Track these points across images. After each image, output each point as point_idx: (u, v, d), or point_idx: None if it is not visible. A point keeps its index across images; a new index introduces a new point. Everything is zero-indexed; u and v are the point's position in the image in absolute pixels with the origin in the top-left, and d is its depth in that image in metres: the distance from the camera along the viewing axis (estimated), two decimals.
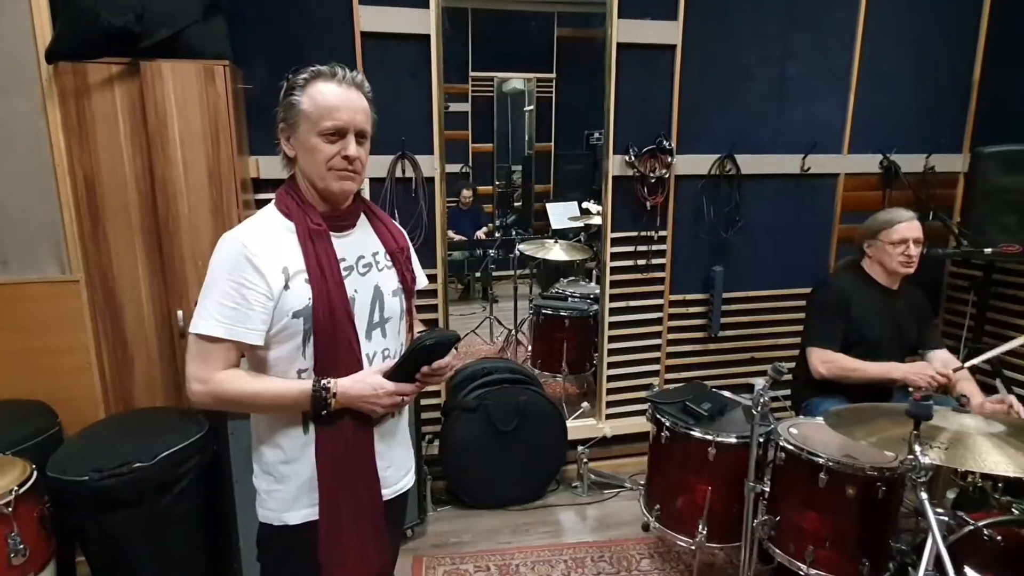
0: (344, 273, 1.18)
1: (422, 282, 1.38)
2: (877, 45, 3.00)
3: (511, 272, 5.86)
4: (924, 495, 1.30)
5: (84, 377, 2.23)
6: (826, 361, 2.27)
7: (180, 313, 2.20)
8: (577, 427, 3.00)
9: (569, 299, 3.74)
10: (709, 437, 2.00)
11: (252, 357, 1.18)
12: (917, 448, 1.29)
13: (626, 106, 2.80)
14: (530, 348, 4.04)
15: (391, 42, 2.53)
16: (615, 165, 2.84)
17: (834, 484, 1.75)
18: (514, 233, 5.82)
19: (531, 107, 7.18)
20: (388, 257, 1.29)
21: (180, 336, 2.25)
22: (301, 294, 1.13)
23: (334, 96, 1.14)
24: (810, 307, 2.44)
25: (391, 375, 1.19)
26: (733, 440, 2.00)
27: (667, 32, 2.76)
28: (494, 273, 5.17)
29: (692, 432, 2.04)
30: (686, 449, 2.06)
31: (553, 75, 6.92)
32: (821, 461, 1.76)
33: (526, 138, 7.44)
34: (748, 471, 1.76)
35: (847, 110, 3.05)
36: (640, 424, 3.09)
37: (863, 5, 2.95)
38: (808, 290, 3.15)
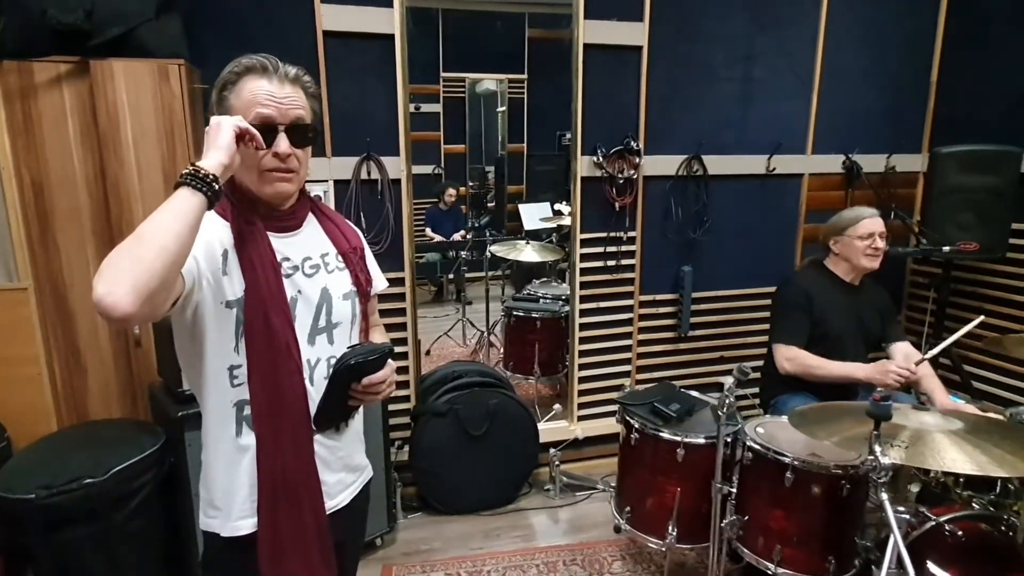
0: (288, 272, 1.13)
1: (380, 285, 1.32)
2: (839, 46, 3.05)
3: (480, 274, 5.84)
4: (885, 495, 1.31)
5: (34, 388, 2.14)
6: (790, 358, 2.30)
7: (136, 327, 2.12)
8: (549, 429, 2.98)
9: (540, 300, 3.72)
10: (677, 438, 2.00)
11: (184, 348, 1.11)
12: (877, 448, 1.30)
13: (594, 107, 2.80)
14: (502, 350, 4.02)
15: (354, 42, 2.49)
16: (583, 166, 2.83)
17: (800, 483, 1.76)
18: (488, 234, 5.80)
19: (503, 108, 7.17)
20: (340, 258, 1.23)
21: (136, 344, 2.17)
22: (236, 284, 1.07)
23: (264, 90, 1.06)
24: (775, 304, 2.47)
25: (322, 403, 1.12)
26: (701, 441, 2.00)
27: (633, 33, 2.77)
28: (467, 275, 5.13)
29: (660, 433, 2.03)
30: (655, 450, 2.06)
31: (524, 76, 6.91)
32: (787, 460, 1.78)
33: (499, 139, 7.42)
34: (715, 472, 1.76)
35: (810, 111, 3.09)
36: (612, 425, 3.08)
37: (824, 6, 2.99)
38: (773, 288, 3.23)
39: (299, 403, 1.11)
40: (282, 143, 1.08)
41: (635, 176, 2.87)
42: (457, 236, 6.08)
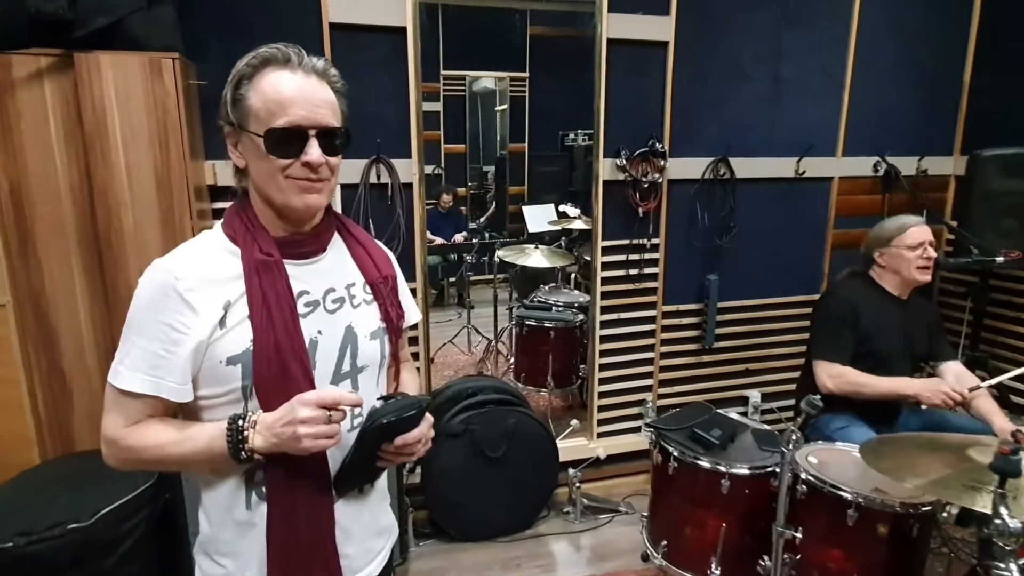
0: (306, 310, 0.95)
1: (413, 318, 1.13)
2: (872, 43, 2.89)
3: (486, 277, 5.66)
4: (1015, 566, 1.11)
5: (14, 415, 1.94)
6: (834, 375, 2.14)
7: None
8: (567, 448, 2.81)
9: (553, 308, 3.55)
10: (722, 468, 1.83)
11: (184, 419, 0.96)
12: (1004, 511, 1.11)
13: (617, 106, 2.63)
14: (512, 360, 3.84)
15: (363, 35, 2.30)
16: (605, 169, 2.66)
17: (864, 522, 1.60)
18: (487, 236, 5.62)
19: (503, 107, 6.99)
20: (368, 289, 1.04)
21: None
22: (240, 336, 0.89)
23: (289, 87, 0.90)
24: (816, 318, 2.31)
25: (346, 466, 0.96)
26: (746, 472, 1.84)
27: (659, 28, 2.60)
28: (472, 278, 4.94)
29: (703, 463, 1.86)
30: (696, 481, 1.89)
31: (526, 74, 6.73)
32: (850, 497, 1.61)
33: (497, 139, 7.24)
34: (777, 514, 1.59)
35: (841, 111, 2.94)
36: (633, 442, 2.94)
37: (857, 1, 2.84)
38: (801, 297, 3.09)
39: (319, 465, 0.94)
40: (313, 151, 0.90)
41: (660, 180, 2.71)
42: (458, 237, 5.91)
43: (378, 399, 0.99)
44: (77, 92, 1.82)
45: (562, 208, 5.28)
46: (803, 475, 1.71)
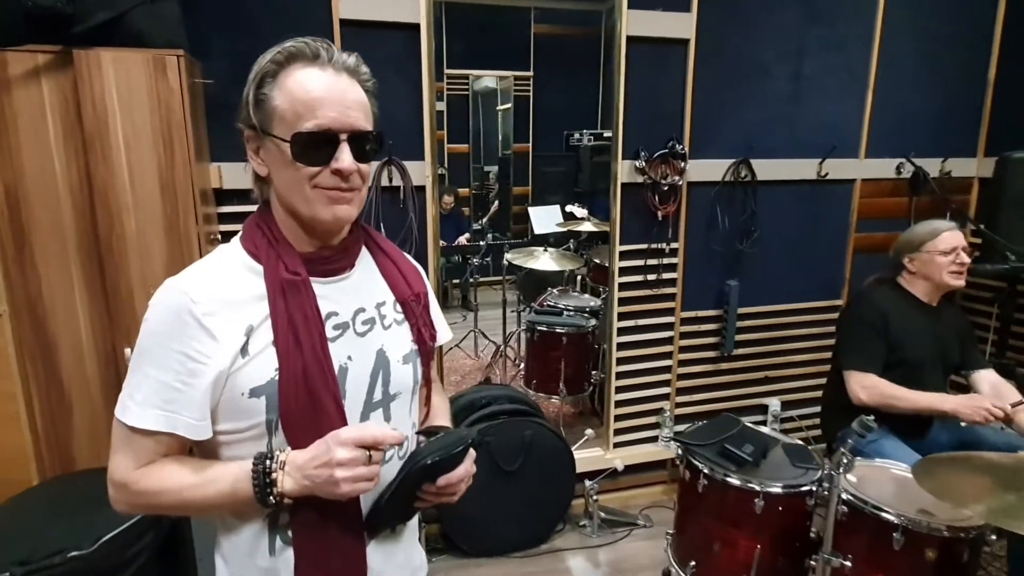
0: (334, 333, 0.86)
1: (444, 337, 1.05)
2: (896, 41, 2.80)
3: (489, 278, 5.57)
4: None
5: (11, 430, 1.84)
6: (867, 386, 2.06)
7: (128, 351, 1.83)
8: (583, 458, 2.72)
9: (564, 313, 3.47)
10: (756, 487, 1.74)
11: (200, 456, 0.86)
12: None
13: (636, 106, 2.53)
14: (522, 366, 3.76)
15: (375, 32, 2.21)
16: (624, 171, 2.57)
17: (911, 546, 1.52)
18: (491, 237, 5.54)
19: (506, 106, 6.90)
20: (399, 308, 0.95)
21: None
22: (264, 365, 0.80)
23: (318, 87, 0.80)
24: (846, 326, 2.22)
25: (381, 506, 0.86)
26: (780, 490, 1.75)
27: (680, 25, 2.51)
28: (479, 280, 4.85)
29: (736, 481, 1.78)
30: (727, 499, 1.81)
31: (531, 73, 6.64)
32: (896, 520, 1.52)
33: (499, 138, 7.16)
34: (825, 542, 1.51)
35: (864, 111, 2.85)
36: (650, 452, 2.85)
37: None
38: (821, 303, 3.00)
39: (350, 507, 0.85)
40: (344, 157, 0.81)
41: (679, 182, 2.62)
42: (462, 239, 5.83)
43: (417, 432, 0.91)
44: (76, 91, 1.72)
45: (569, 208, 5.19)
46: (844, 495, 1.62)
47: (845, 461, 1.39)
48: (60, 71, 1.74)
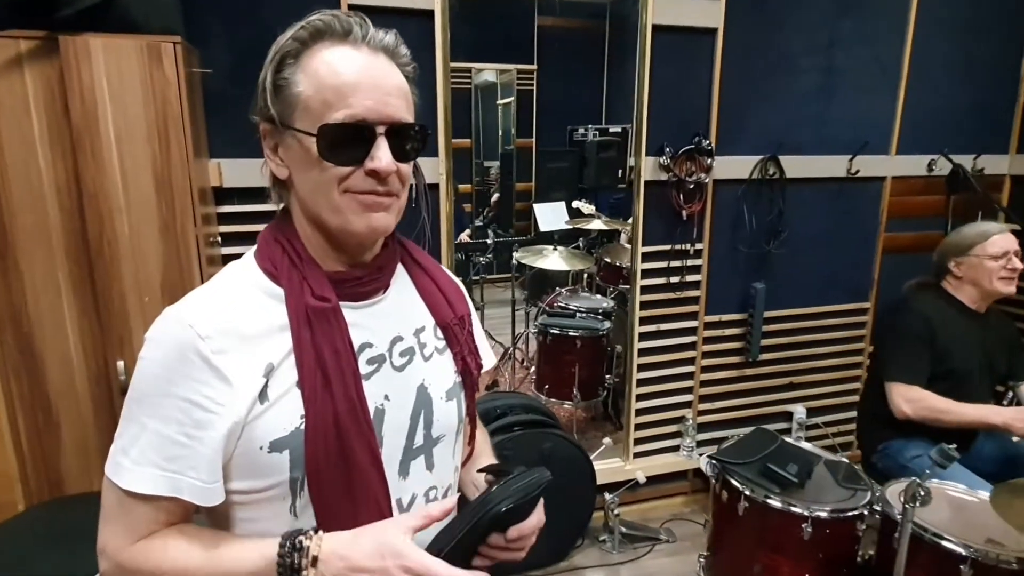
0: (369, 369, 0.72)
1: (488, 363, 0.91)
2: (930, 33, 2.67)
3: (492, 275, 5.43)
4: None
5: None
6: (912, 400, 1.94)
7: (121, 364, 1.70)
8: (602, 469, 2.59)
9: (577, 315, 3.33)
10: (804, 512, 1.61)
11: (211, 521, 0.72)
12: None
13: (661, 100, 2.40)
14: (531, 370, 3.62)
15: (386, 18, 2.06)
16: (647, 168, 2.43)
17: None
18: (492, 235, 5.40)
19: (508, 99, 6.75)
20: (439, 333, 0.82)
21: (121, 392, 1.74)
22: (287, 411, 0.66)
23: (350, 69, 0.66)
24: (889, 334, 2.10)
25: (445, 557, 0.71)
26: (828, 515, 1.62)
27: (708, 13, 2.37)
28: (485, 277, 4.71)
29: (781, 504, 1.65)
30: (770, 523, 1.68)
31: (534, 66, 6.48)
32: (963, 552, 1.40)
33: (499, 133, 7.00)
34: None
35: (896, 106, 2.72)
36: (671, 462, 2.73)
37: None
38: (849, 306, 2.87)
39: None
40: (383, 155, 0.67)
41: (705, 180, 2.48)
42: (463, 236, 5.68)
43: (479, 471, 0.76)
44: (63, 81, 1.57)
45: (576, 204, 5.05)
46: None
47: (922, 494, 1.26)
48: (45, 59, 1.58)
